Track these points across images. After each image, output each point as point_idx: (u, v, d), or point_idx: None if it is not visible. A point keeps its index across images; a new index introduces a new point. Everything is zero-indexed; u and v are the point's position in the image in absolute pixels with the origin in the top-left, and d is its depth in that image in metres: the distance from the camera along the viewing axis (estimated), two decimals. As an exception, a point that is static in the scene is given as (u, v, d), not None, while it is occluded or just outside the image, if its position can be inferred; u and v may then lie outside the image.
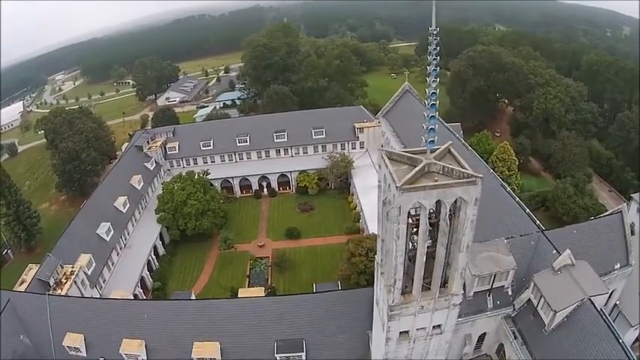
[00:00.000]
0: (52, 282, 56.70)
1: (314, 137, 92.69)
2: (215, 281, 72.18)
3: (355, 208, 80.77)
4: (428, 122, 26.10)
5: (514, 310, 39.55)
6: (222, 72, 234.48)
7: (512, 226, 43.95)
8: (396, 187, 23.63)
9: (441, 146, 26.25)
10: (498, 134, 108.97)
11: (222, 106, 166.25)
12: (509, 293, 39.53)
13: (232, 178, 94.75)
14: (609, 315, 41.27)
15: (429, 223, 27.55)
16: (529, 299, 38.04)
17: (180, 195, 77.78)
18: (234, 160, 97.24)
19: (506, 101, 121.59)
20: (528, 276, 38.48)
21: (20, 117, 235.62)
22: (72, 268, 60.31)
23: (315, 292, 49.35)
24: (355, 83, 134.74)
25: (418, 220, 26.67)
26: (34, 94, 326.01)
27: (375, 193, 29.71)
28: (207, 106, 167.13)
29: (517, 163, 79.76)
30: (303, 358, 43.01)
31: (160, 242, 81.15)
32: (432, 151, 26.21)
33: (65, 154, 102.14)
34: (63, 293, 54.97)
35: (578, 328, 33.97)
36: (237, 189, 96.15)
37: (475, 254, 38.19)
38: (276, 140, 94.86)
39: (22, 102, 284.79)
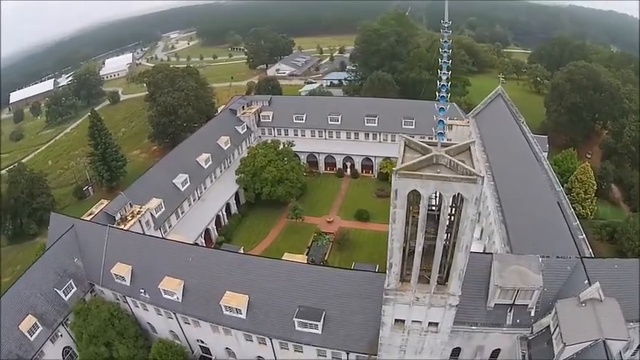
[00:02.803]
0: (117, 217, 65.19)
1: (403, 127, 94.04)
2: (276, 247, 76.90)
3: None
4: (437, 114, 27.41)
5: (532, 332, 38.78)
6: (337, 52, 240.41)
7: (554, 247, 42.75)
8: (394, 170, 25.50)
9: (456, 142, 27.37)
10: (589, 156, 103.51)
11: (328, 84, 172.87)
12: (532, 314, 38.78)
13: (318, 153, 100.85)
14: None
15: (437, 216, 29.00)
16: (549, 325, 37.35)
17: (261, 160, 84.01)
18: (324, 137, 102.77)
19: (601, 123, 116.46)
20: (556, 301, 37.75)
21: (128, 68, 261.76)
22: (140, 208, 68.67)
23: (351, 269, 51.56)
24: (458, 80, 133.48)
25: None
26: (146, 49, 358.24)
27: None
28: (315, 83, 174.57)
29: (595, 187, 76.01)
30: (319, 327, 45.82)
31: (235, 202, 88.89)
32: (445, 145, 27.45)
33: (162, 108, 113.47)
34: (125, 228, 62.73)
35: (585, 370, 32.94)
36: (321, 164, 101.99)
37: (505, 265, 38.32)
38: (366, 124, 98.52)
39: (132, 54, 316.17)
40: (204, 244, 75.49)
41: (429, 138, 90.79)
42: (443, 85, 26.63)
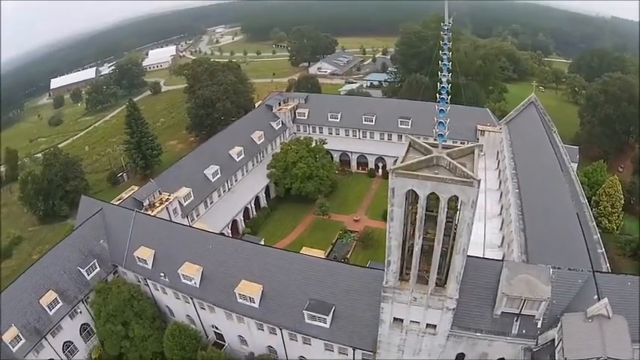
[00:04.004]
0: (145, 203, 67.80)
1: (436, 130, 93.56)
2: (301, 242, 77.06)
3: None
4: (437, 116, 27.51)
5: (537, 344, 37.99)
6: (380, 53, 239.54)
7: (571, 259, 41.69)
8: (391, 169, 25.83)
9: (459, 144, 27.39)
10: (622, 170, 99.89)
11: (368, 85, 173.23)
12: (539, 326, 38.00)
13: (351, 152, 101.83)
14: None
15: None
16: (554, 338, 36.56)
17: (292, 156, 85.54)
18: (357, 137, 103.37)
19: (634, 136, 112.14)
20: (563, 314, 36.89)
21: (171, 60, 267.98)
22: (168, 196, 71.06)
23: (364, 267, 51.98)
24: (495, 87, 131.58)
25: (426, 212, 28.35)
26: (190, 42, 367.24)
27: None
28: (355, 83, 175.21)
29: (623, 201, 73.57)
30: (328, 321, 46.52)
31: (265, 195, 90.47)
32: (447, 147, 27.54)
33: (200, 101, 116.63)
34: (152, 214, 64.99)
35: (584, 388, 31.90)
36: (354, 164, 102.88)
37: (515, 273, 37.76)
38: (400, 125, 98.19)
39: (175, 46, 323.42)
40: (231, 235, 76.79)
41: (461, 143, 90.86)
42: (443, 86, 26.79)
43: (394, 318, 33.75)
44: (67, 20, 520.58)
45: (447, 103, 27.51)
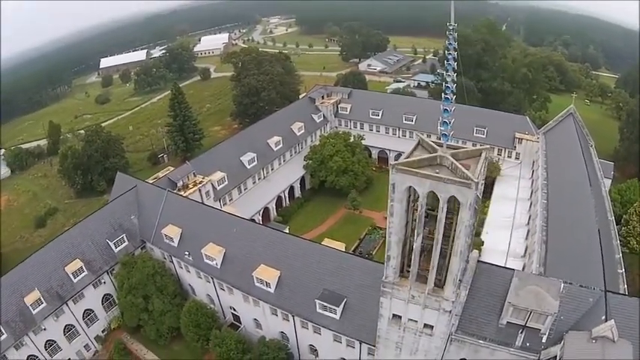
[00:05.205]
0: (179, 184, 70.15)
1: (474, 135, 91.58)
2: (330, 234, 76.83)
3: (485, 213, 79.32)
4: (441, 115, 27.34)
5: (539, 359, 37.32)
6: (431, 54, 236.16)
7: (589, 276, 40.28)
8: (392, 164, 25.98)
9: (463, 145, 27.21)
10: None
11: (416, 85, 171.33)
12: (543, 340, 36.84)
13: (389, 150, 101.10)
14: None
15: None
16: (556, 355, 35.41)
17: (329, 150, 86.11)
18: (397, 135, 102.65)
19: None
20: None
21: (223, 47, 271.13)
22: (202, 178, 73.15)
23: (381, 263, 51.89)
24: (539, 96, 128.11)
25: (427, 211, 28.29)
26: (244, 30, 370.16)
27: (508, 204, 29.84)
28: (403, 82, 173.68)
29: None
30: (338, 312, 47.09)
31: (300, 186, 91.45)
32: (452, 147, 27.35)
33: (246, 89, 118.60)
34: (184, 195, 67.08)
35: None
36: (392, 161, 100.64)
37: (524, 284, 37.01)
38: (439, 127, 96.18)
39: (228, 34, 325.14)
40: (261, 222, 78.15)
41: (498, 150, 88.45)
42: (447, 86, 26.64)
43: (393, 314, 33.89)
44: (123, 1, 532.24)
45: (451, 102, 27.42)
